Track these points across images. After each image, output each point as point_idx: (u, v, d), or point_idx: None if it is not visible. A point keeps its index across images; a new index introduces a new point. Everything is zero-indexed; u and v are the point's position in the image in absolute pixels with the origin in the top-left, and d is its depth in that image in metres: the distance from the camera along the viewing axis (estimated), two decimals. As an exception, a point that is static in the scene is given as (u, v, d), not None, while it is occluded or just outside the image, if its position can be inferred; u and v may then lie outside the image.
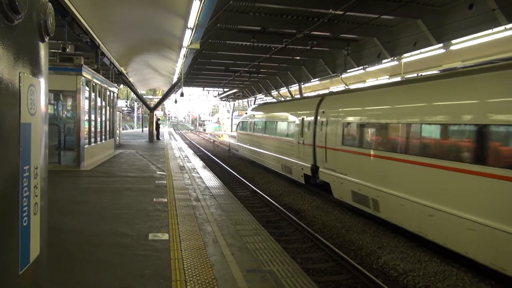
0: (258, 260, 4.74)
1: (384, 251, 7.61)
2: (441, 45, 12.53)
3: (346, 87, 20.28)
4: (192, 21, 10.03)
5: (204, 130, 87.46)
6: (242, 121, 24.75)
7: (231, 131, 64.38)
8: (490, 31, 10.37)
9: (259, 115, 20.50)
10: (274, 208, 11.09)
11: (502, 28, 10.08)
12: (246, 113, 24.59)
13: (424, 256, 7.26)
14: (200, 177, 11.30)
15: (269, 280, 4.15)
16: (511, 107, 5.75)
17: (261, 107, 22.21)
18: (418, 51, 13.63)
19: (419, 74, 14.73)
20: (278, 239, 7.66)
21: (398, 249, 7.65)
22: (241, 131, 24.69)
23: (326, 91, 25.06)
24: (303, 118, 13.60)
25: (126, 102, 50.70)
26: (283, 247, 5.53)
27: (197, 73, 30.82)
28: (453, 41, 11.87)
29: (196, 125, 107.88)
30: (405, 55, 14.54)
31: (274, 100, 31.69)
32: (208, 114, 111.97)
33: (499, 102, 6.01)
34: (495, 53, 12.20)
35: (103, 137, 15.62)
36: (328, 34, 15.96)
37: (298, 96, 27.66)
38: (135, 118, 64.51)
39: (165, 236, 5.49)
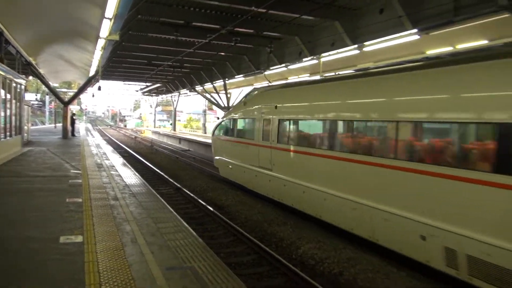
0: (179, 257, 4.68)
1: (303, 241, 7.95)
2: (355, 46, 13.34)
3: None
4: (110, 10, 9.47)
5: (125, 126, 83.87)
6: (234, 119, 13.26)
7: (154, 127, 62.64)
8: (397, 35, 11.28)
9: (300, 109, 9.93)
10: (198, 204, 11.01)
11: (408, 32, 11.00)
12: (245, 101, 12.90)
13: (339, 244, 7.72)
14: (120, 175, 10.81)
15: (189, 277, 4.12)
16: None
17: (304, 88, 10.46)
18: (335, 51, 14.36)
19: (337, 73, 15.18)
20: (201, 235, 7.58)
21: (316, 239, 8.05)
22: (228, 138, 13.62)
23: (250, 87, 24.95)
24: None
25: (36, 95, 46.83)
26: (206, 242, 5.50)
27: (117, 66, 29.41)
28: (366, 43, 12.70)
29: (116, 120, 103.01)
30: (323, 54, 15.24)
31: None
32: (130, 109, 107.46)
33: None
34: (402, 56, 13.31)
35: (8, 133, 14.23)
36: (252, 31, 16.16)
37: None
38: (47, 113, 59.65)
39: (79, 238, 5.17)
